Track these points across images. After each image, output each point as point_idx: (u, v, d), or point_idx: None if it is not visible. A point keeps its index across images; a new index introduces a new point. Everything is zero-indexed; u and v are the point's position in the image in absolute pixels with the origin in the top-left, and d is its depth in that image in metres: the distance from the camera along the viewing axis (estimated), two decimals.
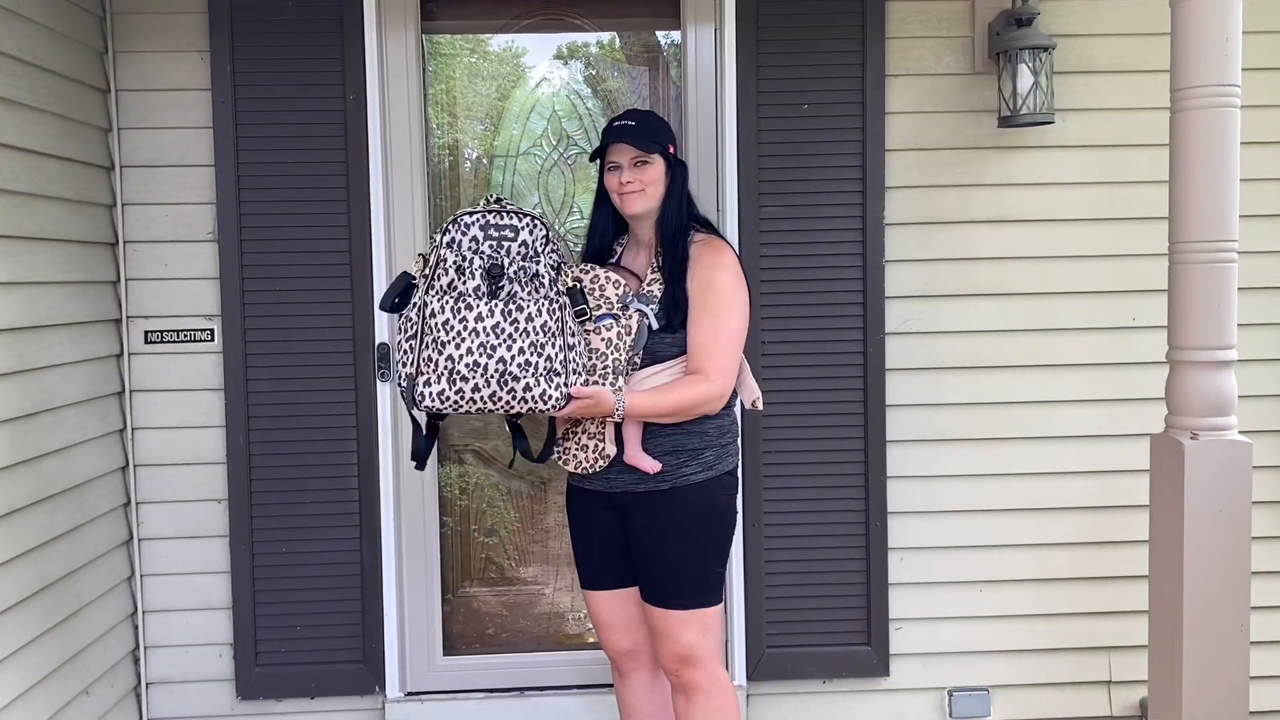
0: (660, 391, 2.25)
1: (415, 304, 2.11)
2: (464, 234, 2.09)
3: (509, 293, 2.07)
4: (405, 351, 2.10)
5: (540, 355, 2.06)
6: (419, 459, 2.26)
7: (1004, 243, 3.07)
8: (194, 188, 2.99)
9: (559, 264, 2.14)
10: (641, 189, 2.33)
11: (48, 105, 2.62)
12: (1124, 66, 3.05)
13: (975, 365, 3.09)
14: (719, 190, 3.06)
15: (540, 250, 2.11)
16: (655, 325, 2.27)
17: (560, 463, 2.35)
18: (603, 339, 2.22)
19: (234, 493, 3.01)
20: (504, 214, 2.12)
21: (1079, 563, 3.14)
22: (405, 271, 2.15)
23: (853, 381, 3.05)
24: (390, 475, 3.05)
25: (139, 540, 3.04)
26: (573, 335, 2.13)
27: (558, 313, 2.10)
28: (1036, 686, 3.17)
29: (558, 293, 2.12)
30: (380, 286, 3.00)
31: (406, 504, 3.12)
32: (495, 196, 2.17)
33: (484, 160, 3.28)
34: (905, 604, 3.13)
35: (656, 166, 2.34)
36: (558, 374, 2.08)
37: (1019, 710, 3.18)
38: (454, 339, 2.04)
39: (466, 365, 2.04)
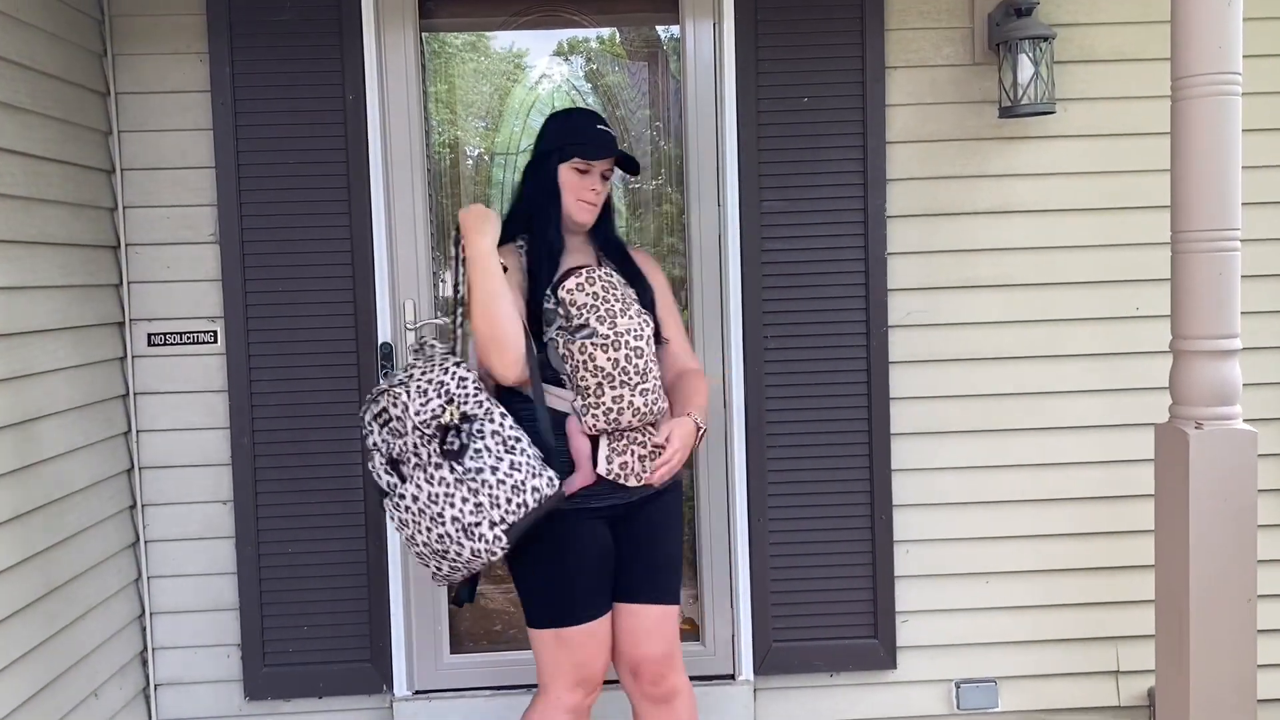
0: (701, 392, 2.35)
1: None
2: (370, 434, 2.17)
3: (401, 476, 2.12)
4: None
5: (444, 523, 2.06)
6: (458, 603, 2.38)
7: (1006, 234, 3.07)
8: (195, 189, 2.99)
9: (440, 408, 2.08)
10: (598, 203, 2.32)
11: (47, 109, 2.62)
12: (1124, 55, 3.04)
13: (979, 357, 3.08)
14: (719, 184, 3.06)
15: (404, 416, 2.09)
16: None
17: (621, 479, 2.25)
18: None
19: (239, 494, 3.02)
20: (377, 399, 2.15)
21: (1085, 553, 3.13)
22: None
23: (856, 375, 3.05)
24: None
25: (145, 542, 3.04)
26: (477, 473, 2.05)
27: (437, 474, 2.06)
28: (1044, 677, 3.17)
29: (434, 451, 2.07)
30: (382, 285, 3.00)
31: None
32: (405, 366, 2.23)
33: (485, 158, 3.28)
34: (911, 596, 3.13)
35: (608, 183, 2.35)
36: (475, 525, 2.05)
37: (1027, 701, 3.18)
38: (400, 532, 2.16)
39: (415, 555, 2.17)
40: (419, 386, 2.09)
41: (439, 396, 2.08)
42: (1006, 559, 3.13)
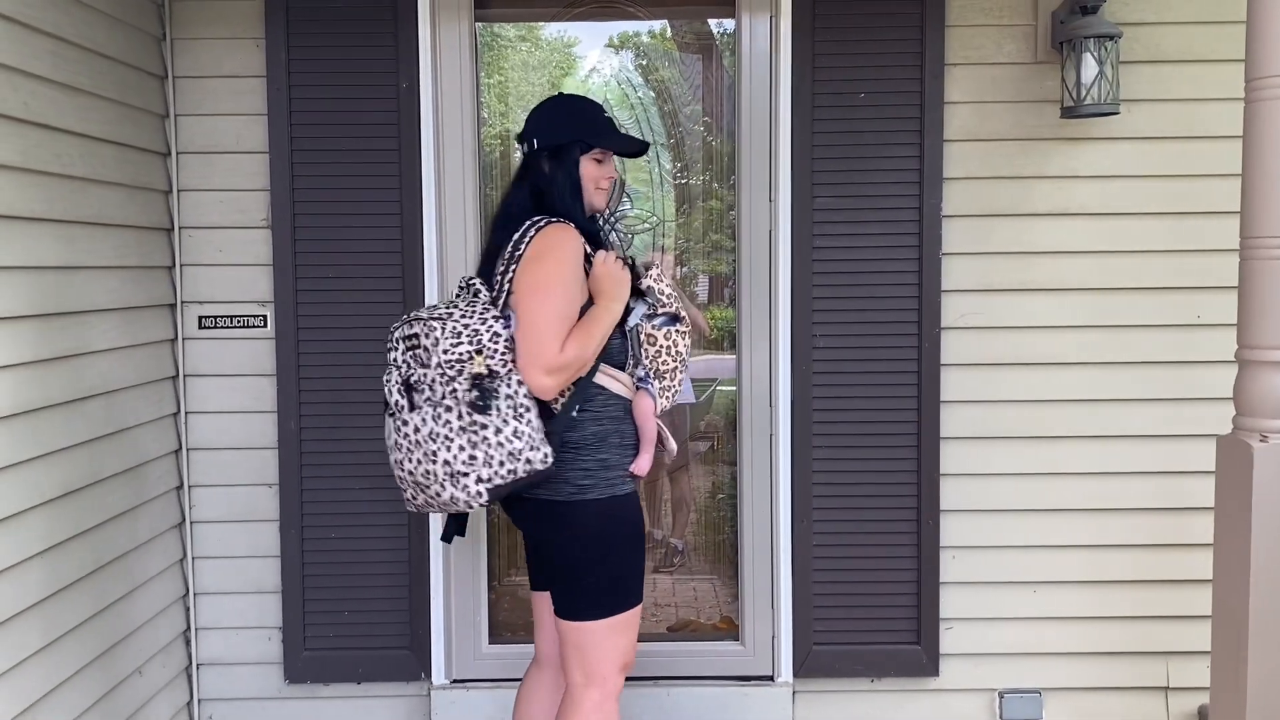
0: None
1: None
2: (393, 348, 2.18)
3: (410, 403, 2.12)
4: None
5: (435, 462, 2.07)
6: (446, 539, 2.38)
7: (1065, 236, 3.00)
8: (248, 174, 3.01)
9: (461, 356, 2.07)
10: (610, 189, 2.38)
11: (106, 91, 2.65)
12: (1194, 55, 2.96)
13: (1034, 361, 3.02)
14: (771, 180, 3.02)
15: (431, 350, 2.08)
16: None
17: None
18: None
19: (285, 478, 3.04)
20: (411, 322, 2.14)
21: (1137, 565, 3.06)
22: None
23: (907, 376, 3.00)
24: None
25: (191, 523, 3.07)
26: (484, 427, 2.06)
27: (445, 415, 2.07)
28: (1090, 690, 3.11)
29: (451, 392, 2.06)
30: (431, 274, 3.00)
31: None
32: (469, 285, 2.21)
33: None
34: (956, 603, 3.08)
35: None
36: (463, 474, 2.06)
37: (1072, 714, 3.11)
38: (390, 450, 2.18)
39: (397, 477, 2.18)
40: (454, 328, 2.08)
41: (470, 344, 2.08)
42: (1055, 568, 3.07)
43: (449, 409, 2.06)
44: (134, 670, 2.77)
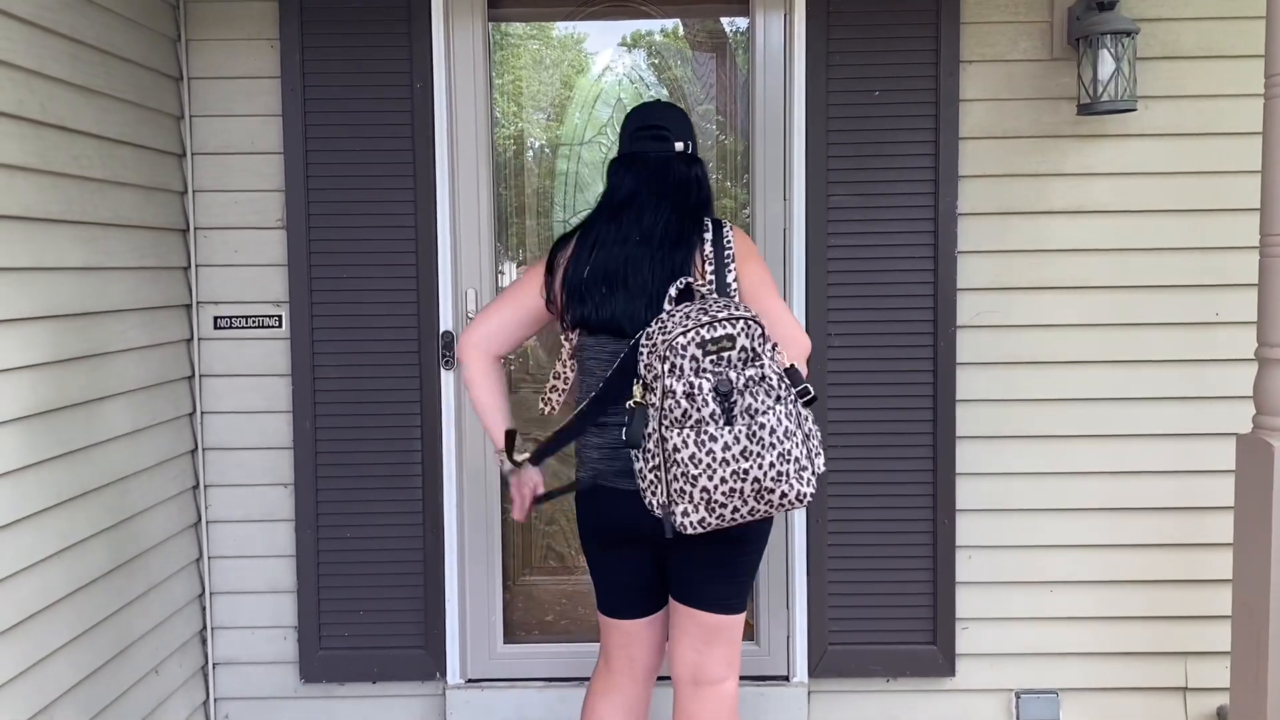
0: None
1: (650, 434, 2.02)
2: (682, 357, 1.97)
3: (745, 407, 1.97)
4: (652, 481, 2.02)
5: (789, 462, 1.99)
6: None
7: (1082, 234, 2.98)
8: (263, 175, 3.01)
9: (774, 348, 2.04)
10: None
11: (123, 93, 2.66)
12: (1212, 51, 2.94)
13: (1050, 360, 3.01)
14: (786, 178, 3.01)
15: (760, 349, 2.01)
16: None
17: None
18: None
19: (300, 478, 3.04)
20: (716, 324, 1.98)
21: (1156, 565, 3.04)
22: (638, 403, 2.04)
23: (922, 375, 2.99)
24: (453, 463, 3.06)
25: (207, 523, 3.08)
26: (807, 420, 2.06)
27: (790, 409, 2.01)
28: (1108, 691, 3.09)
29: (786, 387, 2.02)
30: (445, 274, 3.00)
31: (469, 492, 3.13)
32: (677, 294, 2.09)
33: (547, 150, 3.27)
34: (972, 603, 3.06)
35: None
36: (805, 468, 2.02)
37: (1090, 714, 3.10)
38: (704, 471, 1.95)
39: (723, 494, 1.97)
40: (760, 326, 2.02)
41: (771, 341, 2.05)
42: (1073, 568, 3.05)
43: (791, 403, 2.02)
44: (151, 669, 2.78)
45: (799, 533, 3.04)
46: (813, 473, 2.03)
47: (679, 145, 2.29)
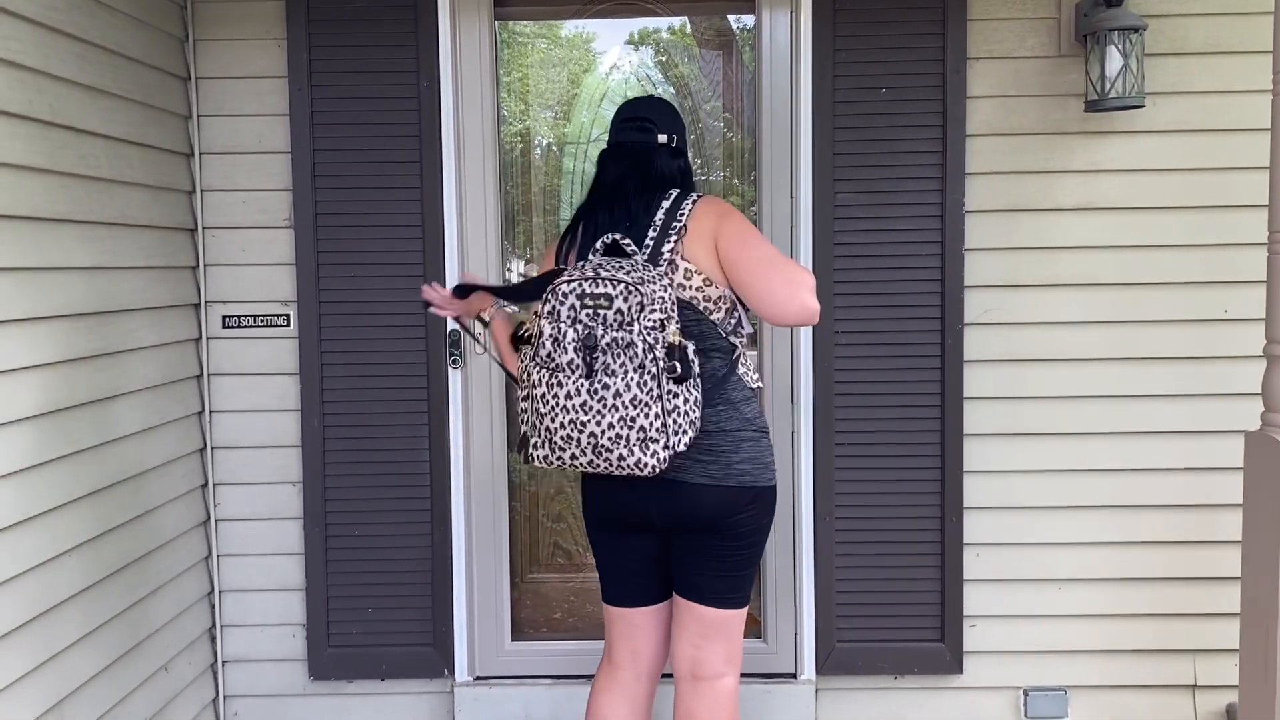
0: None
1: (524, 367, 2.16)
2: (561, 303, 2.08)
3: (602, 365, 2.04)
4: (522, 410, 2.18)
5: (631, 428, 2.04)
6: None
7: (1090, 231, 2.98)
8: (271, 174, 3.02)
9: (661, 321, 2.06)
10: None
11: (130, 93, 2.67)
12: (1219, 47, 2.93)
13: (1058, 358, 3.00)
14: (792, 176, 3.01)
15: (636, 316, 2.05)
16: None
17: None
18: None
19: (308, 476, 3.05)
20: (599, 281, 2.07)
21: (1164, 562, 3.04)
22: (525, 333, 2.19)
23: (929, 373, 2.98)
24: (461, 460, 3.06)
25: (216, 521, 3.09)
26: (674, 396, 2.07)
27: (650, 382, 2.04)
28: (1117, 688, 3.08)
29: (654, 359, 2.05)
30: (452, 272, 3.01)
31: (476, 489, 3.13)
32: (605, 249, 2.15)
33: (555, 148, 3.27)
34: (980, 601, 3.06)
35: None
36: (654, 440, 2.04)
37: (1098, 713, 3.09)
38: (550, 411, 2.09)
39: (561, 437, 2.08)
40: (651, 293, 2.05)
41: (661, 312, 2.06)
42: (1081, 566, 3.05)
43: (652, 375, 2.04)
44: (160, 667, 2.80)
45: (806, 530, 3.04)
46: (664, 446, 2.05)
47: (662, 137, 2.30)
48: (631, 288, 2.05)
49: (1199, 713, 3.08)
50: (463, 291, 2.34)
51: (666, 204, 2.20)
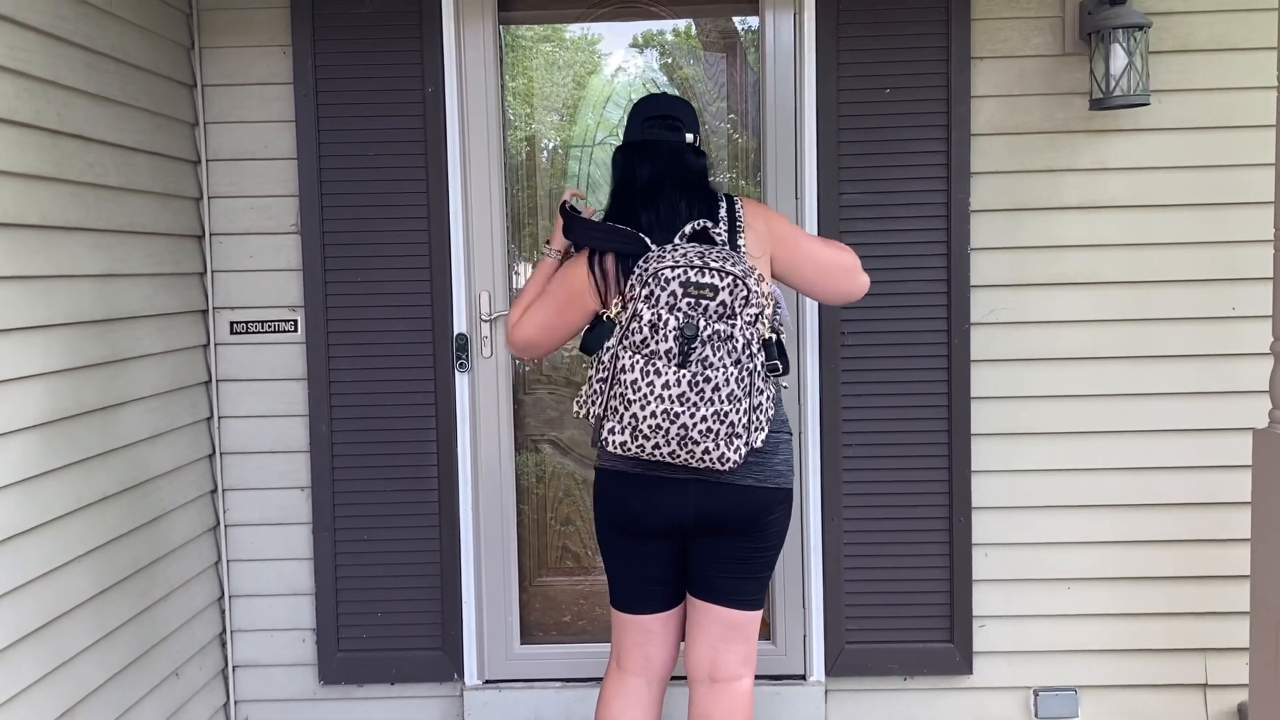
0: None
1: (609, 348, 2.11)
2: (663, 289, 2.03)
3: (700, 356, 2.02)
4: (595, 391, 2.12)
5: (723, 422, 2.03)
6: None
7: (1096, 230, 2.97)
8: (277, 180, 3.03)
9: (756, 316, 2.06)
10: None
11: (138, 101, 2.68)
12: (1225, 45, 2.92)
13: (1065, 356, 3.00)
14: (797, 177, 3.01)
15: (738, 310, 2.04)
16: None
17: None
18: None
19: (317, 480, 3.06)
20: (706, 270, 2.04)
21: (1173, 561, 3.03)
22: (609, 317, 2.14)
23: (936, 373, 2.98)
24: (469, 464, 3.07)
25: (225, 526, 3.10)
26: (760, 393, 2.09)
27: (745, 377, 2.05)
28: (1127, 688, 3.07)
29: (750, 354, 2.06)
30: (458, 277, 3.01)
31: (485, 493, 3.14)
32: (693, 231, 2.14)
33: (560, 151, 3.28)
34: (989, 601, 3.06)
35: None
36: (739, 436, 2.05)
37: (1109, 712, 3.08)
38: (640, 399, 2.03)
39: (649, 426, 2.04)
40: (755, 286, 2.04)
41: (756, 307, 2.06)
42: (1090, 565, 3.04)
43: (749, 371, 2.05)
44: (171, 672, 2.81)
45: (814, 531, 3.04)
46: (745, 442, 2.06)
47: (689, 136, 2.30)
48: (739, 280, 2.04)
49: (1210, 712, 3.07)
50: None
51: (723, 206, 2.23)
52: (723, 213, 2.22)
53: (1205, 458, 2.99)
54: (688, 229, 2.15)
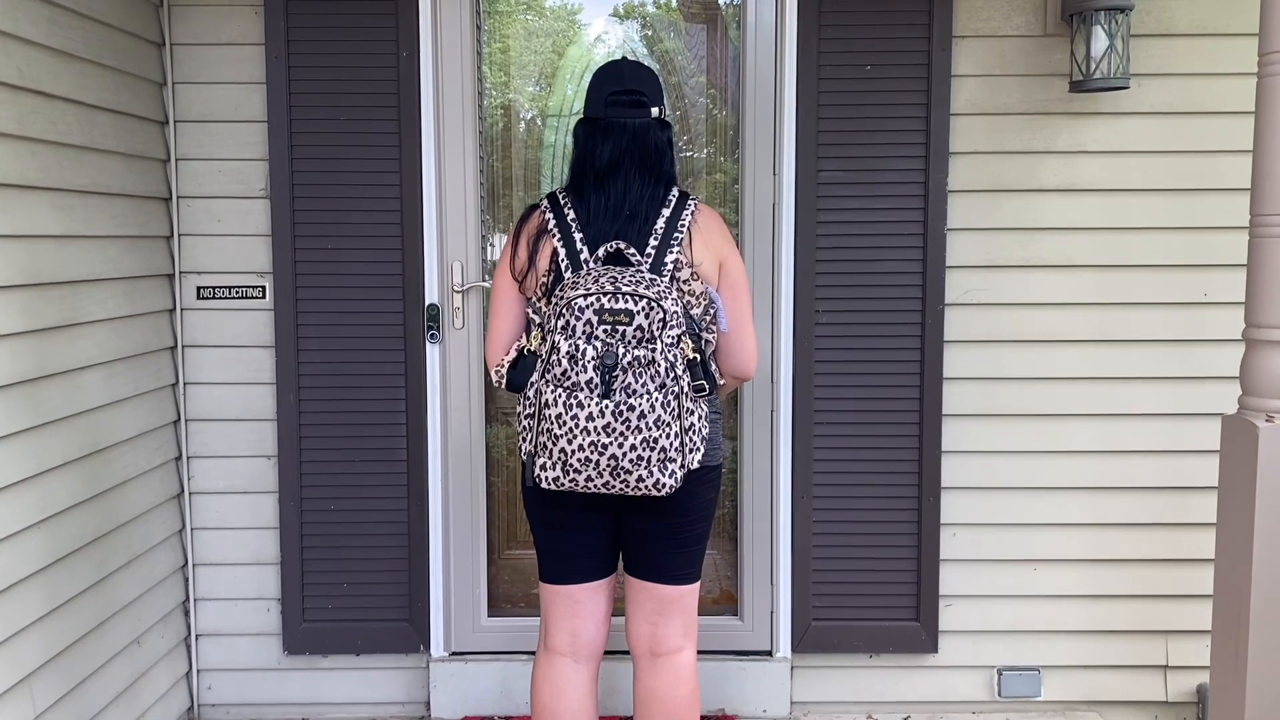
0: None
1: (532, 383, 2.09)
2: (578, 318, 2.01)
3: (623, 384, 2.00)
4: (525, 428, 2.10)
5: (653, 449, 2.02)
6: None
7: (1072, 212, 2.97)
8: (247, 143, 2.98)
9: (677, 338, 2.04)
10: None
11: (102, 58, 2.62)
12: (1206, 29, 2.91)
13: (1038, 339, 3.00)
14: (776, 153, 2.99)
15: (657, 334, 2.01)
16: None
17: None
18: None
19: (284, 450, 3.03)
20: (619, 296, 2.00)
21: (1139, 544, 3.05)
22: (530, 351, 2.13)
23: (909, 353, 2.98)
24: (438, 436, 3.04)
25: (190, 494, 3.07)
26: (690, 414, 2.07)
27: (672, 401, 2.03)
28: (1089, 668, 3.11)
29: (675, 377, 2.03)
30: (431, 246, 2.97)
31: (454, 465, 3.11)
32: (607, 256, 2.10)
33: (538, 121, 3.24)
34: (956, 581, 3.07)
35: None
36: (672, 460, 2.04)
37: (1070, 691, 3.11)
38: (566, 433, 2.01)
39: (579, 460, 2.02)
40: (671, 308, 2.01)
41: (677, 327, 2.03)
42: (1057, 547, 3.06)
43: (674, 395, 2.03)
44: (133, 640, 2.77)
45: (784, 509, 3.04)
46: (680, 465, 2.06)
47: (654, 110, 2.24)
48: (654, 304, 2.00)
49: (1170, 693, 3.11)
50: None
51: (668, 211, 2.17)
52: (668, 208, 2.17)
53: (1175, 442, 3.01)
54: (601, 251, 2.11)
